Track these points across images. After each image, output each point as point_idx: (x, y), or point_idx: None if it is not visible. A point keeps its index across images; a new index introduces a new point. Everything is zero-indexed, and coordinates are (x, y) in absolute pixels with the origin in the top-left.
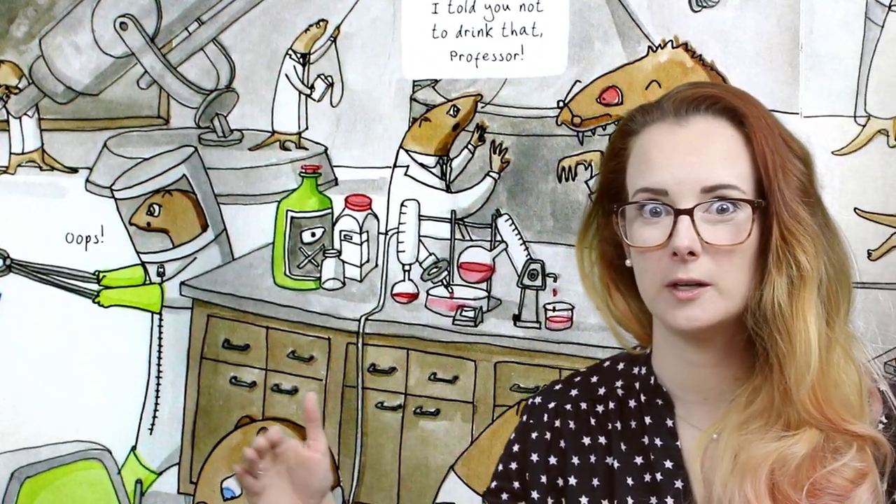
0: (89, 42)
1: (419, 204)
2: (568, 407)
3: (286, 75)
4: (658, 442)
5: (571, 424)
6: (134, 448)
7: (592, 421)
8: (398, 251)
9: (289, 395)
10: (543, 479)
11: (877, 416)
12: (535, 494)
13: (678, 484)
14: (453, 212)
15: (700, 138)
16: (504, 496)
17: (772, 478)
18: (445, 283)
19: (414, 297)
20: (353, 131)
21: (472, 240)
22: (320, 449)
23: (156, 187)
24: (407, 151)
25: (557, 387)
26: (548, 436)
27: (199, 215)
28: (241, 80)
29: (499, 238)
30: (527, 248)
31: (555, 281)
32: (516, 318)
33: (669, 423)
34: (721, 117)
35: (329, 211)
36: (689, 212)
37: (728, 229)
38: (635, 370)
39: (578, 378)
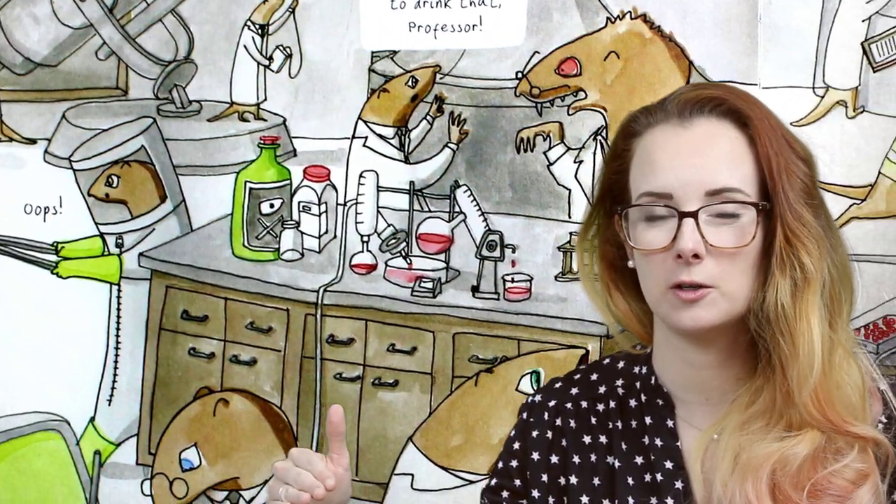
0: (48, 13)
1: (378, 175)
2: (569, 405)
3: (245, 46)
4: (658, 442)
5: (572, 423)
6: (92, 419)
7: (593, 420)
8: (357, 222)
9: (247, 366)
10: (544, 477)
11: (877, 416)
12: (535, 493)
13: (678, 484)
14: (412, 183)
15: (704, 141)
16: (504, 494)
17: (773, 478)
18: (404, 254)
19: (372, 268)
20: (312, 102)
21: (430, 211)
22: (343, 464)
23: (114, 158)
24: (365, 122)
25: (557, 385)
26: (549, 434)
27: (158, 186)
28: (199, 51)
29: (457, 209)
30: (485, 220)
31: (513, 252)
32: (475, 290)
33: (670, 423)
34: (725, 119)
35: (287, 182)
36: (694, 214)
37: (732, 232)
38: (636, 369)
39: (578, 376)
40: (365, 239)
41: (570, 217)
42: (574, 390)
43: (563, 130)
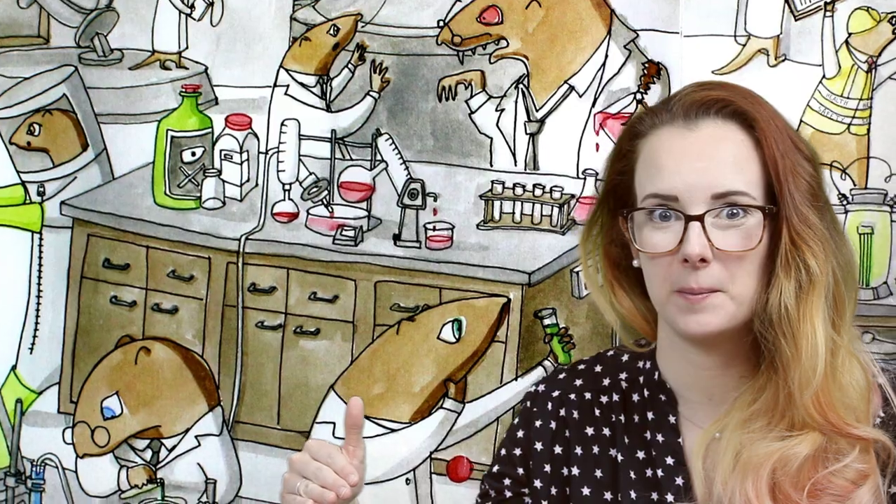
0: None
1: (299, 123)
2: (572, 396)
3: None
4: (660, 438)
5: (576, 414)
6: (14, 367)
7: (597, 412)
8: (278, 170)
9: (169, 315)
10: (547, 468)
11: (876, 410)
12: (538, 483)
13: (679, 481)
14: (333, 131)
15: (710, 143)
16: (506, 481)
17: (773, 478)
18: (325, 202)
19: (294, 216)
20: (233, 51)
21: (352, 159)
22: (359, 456)
23: (36, 107)
24: (287, 71)
25: (561, 375)
26: (553, 425)
27: (80, 135)
28: None
29: (379, 157)
30: (407, 168)
31: (435, 200)
32: (396, 238)
33: (672, 419)
34: (731, 121)
35: (209, 130)
36: (700, 218)
37: (738, 234)
38: (640, 364)
39: (582, 366)
40: (286, 187)
41: (491, 165)
42: (578, 381)
43: (484, 79)
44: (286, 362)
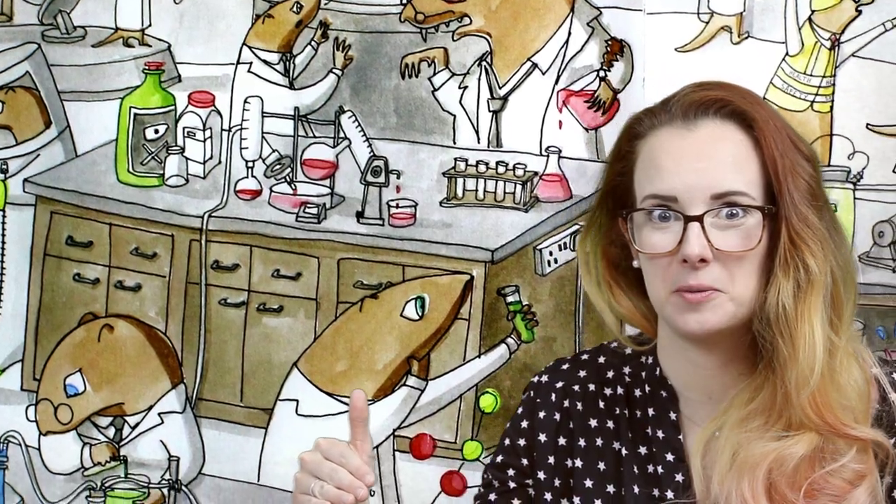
0: None
1: (262, 101)
2: (576, 388)
3: None
4: (661, 434)
5: (579, 406)
6: None
7: (601, 404)
8: (241, 148)
9: (132, 292)
10: (551, 459)
11: (873, 402)
12: (541, 474)
13: (679, 478)
14: (296, 109)
15: (709, 143)
16: (510, 472)
17: (769, 478)
18: (288, 179)
19: (257, 193)
20: (197, 28)
21: (315, 136)
22: (366, 451)
23: None
24: (250, 48)
25: (564, 366)
26: (557, 416)
27: (43, 112)
28: None
29: (342, 135)
30: (370, 145)
31: (398, 178)
32: (359, 215)
33: (673, 416)
34: (729, 121)
35: (172, 108)
36: (700, 219)
37: (738, 234)
38: (642, 358)
39: (586, 357)
40: (249, 164)
41: (454, 143)
42: (582, 373)
43: (447, 56)
44: (249, 339)
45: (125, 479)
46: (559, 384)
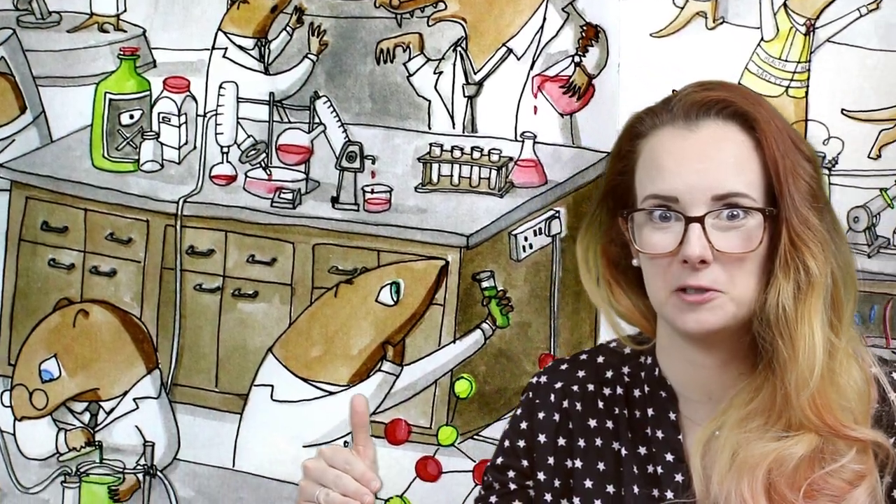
0: None
1: (237, 86)
2: (575, 388)
3: None
4: (660, 434)
5: (579, 406)
6: None
7: (600, 404)
8: (216, 133)
9: (107, 277)
10: (551, 460)
11: (871, 403)
12: (541, 475)
13: (679, 478)
14: (271, 94)
15: (710, 144)
16: (510, 473)
17: (769, 478)
18: (263, 165)
19: (232, 179)
20: (172, 13)
21: (290, 122)
22: (370, 456)
23: None
24: (225, 34)
25: (563, 366)
26: (556, 417)
27: (18, 97)
28: None
29: (317, 120)
30: (345, 131)
31: (373, 163)
32: (334, 201)
33: (672, 416)
34: (731, 122)
35: (147, 93)
36: (701, 220)
37: (738, 236)
38: (641, 359)
39: (584, 357)
40: (225, 150)
41: (429, 128)
42: (581, 373)
43: (422, 41)
44: (224, 325)
45: (100, 464)
46: (558, 385)
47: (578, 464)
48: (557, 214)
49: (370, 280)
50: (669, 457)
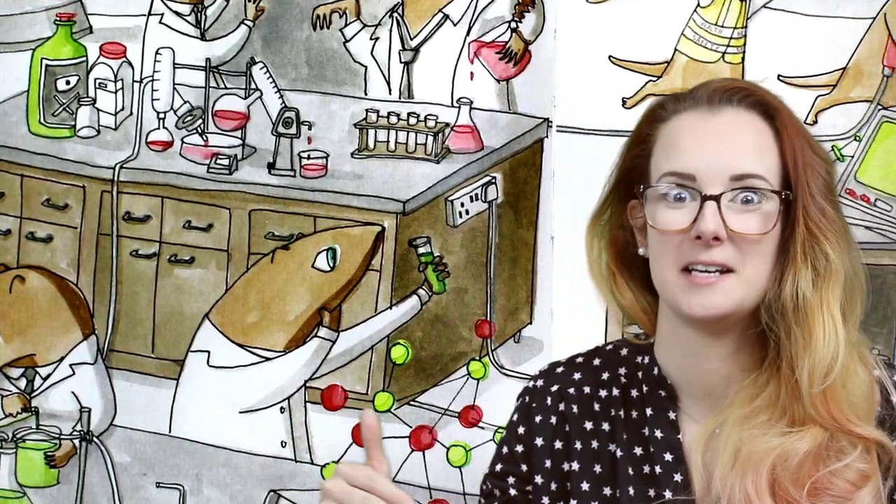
0: None
1: (174, 52)
2: (571, 391)
3: None
4: (658, 434)
5: (575, 409)
6: None
7: (596, 406)
8: (153, 99)
9: (44, 243)
10: (548, 463)
11: (875, 403)
12: (538, 478)
13: (678, 477)
14: (208, 60)
15: (731, 128)
16: (510, 479)
17: (773, 474)
18: (200, 130)
19: (168, 145)
20: None
21: (226, 88)
22: (384, 471)
23: None
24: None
25: (559, 369)
26: (553, 420)
27: None
28: None
29: (253, 86)
30: (281, 96)
31: (309, 129)
32: (271, 166)
33: (671, 415)
34: (752, 110)
35: (84, 59)
36: (717, 198)
37: (754, 218)
38: (639, 359)
39: (581, 360)
40: (161, 116)
41: (366, 94)
42: (577, 375)
43: (359, 7)
44: (161, 291)
45: (37, 430)
46: (554, 387)
47: (575, 466)
48: (494, 180)
49: (306, 246)
50: (668, 456)
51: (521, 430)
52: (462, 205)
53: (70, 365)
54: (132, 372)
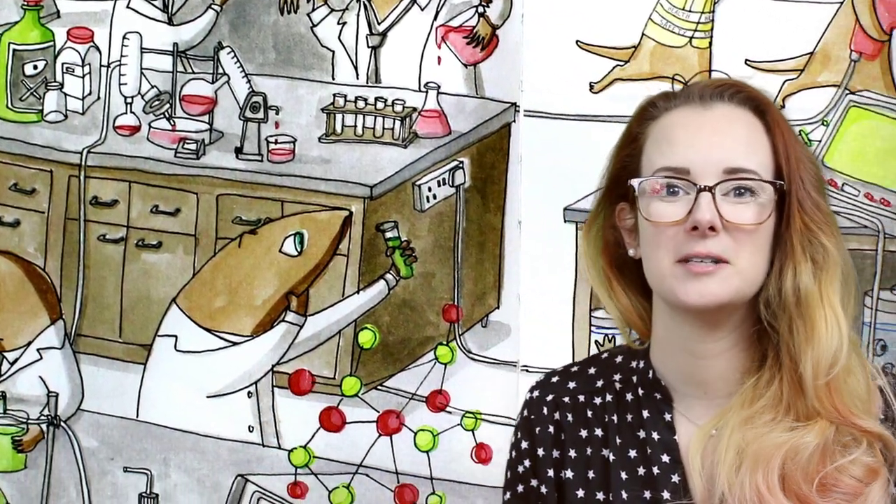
0: None
1: (141, 36)
2: (566, 399)
3: None
4: (655, 436)
5: (570, 417)
6: None
7: (589, 413)
8: (120, 84)
9: (11, 228)
10: (550, 472)
11: (876, 413)
12: (543, 489)
13: (675, 478)
14: (175, 44)
15: (724, 122)
16: (533, 497)
17: (783, 469)
18: (167, 115)
19: (136, 129)
20: None
21: (194, 72)
22: None
23: None
24: None
25: (554, 379)
26: (551, 429)
27: None
28: None
29: (221, 71)
30: (249, 81)
31: (277, 113)
32: (238, 151)
33: (667, 416)
34: (743, 106)
35: (51, 43)
36: (712, 189)
37: (748, 209)
38: (633, 364)
39: (576, 369)
40: (128, 100)
41: (333, 79)
42: (571, 384)
43: None
44: (128, 275)
45: (3, 414)
46: (549, 397)
47: (569, 474)
48: (461, 165)
49: (274, 230)
50: (665, 458)
51: (524, 445)
52: (429, 189)
53: (37, 349)
54: (99, 356)
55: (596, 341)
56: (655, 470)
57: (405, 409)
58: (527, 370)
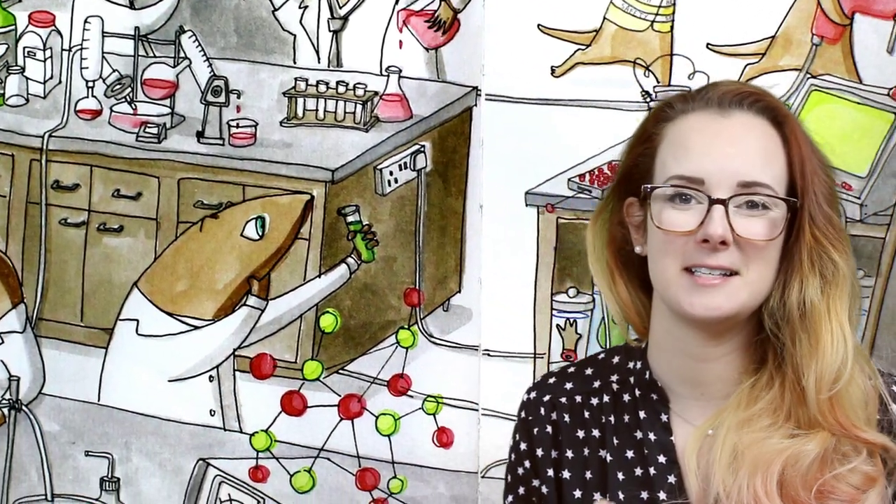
0: None
1: (103, 20)
2: (563, 400)
3: None
4: (652, 436)
5: (567, 418)
6: None
7: (586, 414)
8: (82, 68)
9: None
10: (550, 472)
11: (873, 413)
12: (544, 489)
13: (671, 479)
14: (137, 28)
15: (741, 132)
16: (534, 499)
17: (783, 475)
18: (129, 99)
19: (97, 113)
20: None
21: (155, 56)
22: None
23: None
24: None
25: (552, 380)
26: (549, 430)
27: None
28: None
29: (182, 55)
30: (210, 65)
31: (238, 97)
32: (200, 135)
33: (664, 417)
34: (762, 116)
35: (13, 27)
36: (725, 202)
37: (760, 224)
38: (630, 364)
39: (573, 369)
40: (90, 84)
41: (295, 62)
42: (568, 385)
43: None
44: (89, 259)
45: None
46: (546, 398)
47: (567, 475)
48: (423, 149)
49: (235, 214)
50: (662, 458)
51: (523, 446)
52: (391, 173)
53: None
54: (61, 340)
55: (557, 325)
56: (652, 470)
57: (367, 393)
58: (488, 354)
